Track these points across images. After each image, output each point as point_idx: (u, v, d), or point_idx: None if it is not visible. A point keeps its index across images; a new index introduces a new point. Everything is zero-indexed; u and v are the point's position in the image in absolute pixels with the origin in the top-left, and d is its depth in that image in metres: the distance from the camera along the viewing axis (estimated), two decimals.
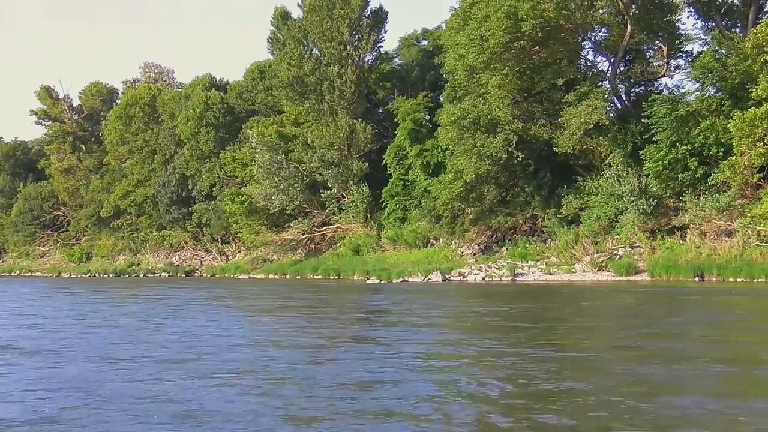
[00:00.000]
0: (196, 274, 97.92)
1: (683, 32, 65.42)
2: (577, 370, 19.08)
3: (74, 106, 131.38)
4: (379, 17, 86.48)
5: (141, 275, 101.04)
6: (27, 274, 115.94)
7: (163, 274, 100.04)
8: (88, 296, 56.93)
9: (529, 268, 62.67)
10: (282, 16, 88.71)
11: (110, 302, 49.45)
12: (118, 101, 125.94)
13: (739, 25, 63.24)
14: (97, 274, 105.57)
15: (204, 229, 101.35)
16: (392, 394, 16.35)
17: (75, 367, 20.82)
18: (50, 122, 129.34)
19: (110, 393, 17.06)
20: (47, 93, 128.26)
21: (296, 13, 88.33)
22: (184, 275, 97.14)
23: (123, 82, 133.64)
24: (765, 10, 63.01)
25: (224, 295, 55.10)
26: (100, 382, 18.39)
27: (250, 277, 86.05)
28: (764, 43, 53.66)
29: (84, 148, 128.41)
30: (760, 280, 49.44)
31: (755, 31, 55.04)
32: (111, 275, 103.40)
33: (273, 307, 43.33)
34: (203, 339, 26.41)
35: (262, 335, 28.60)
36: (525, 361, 20.04)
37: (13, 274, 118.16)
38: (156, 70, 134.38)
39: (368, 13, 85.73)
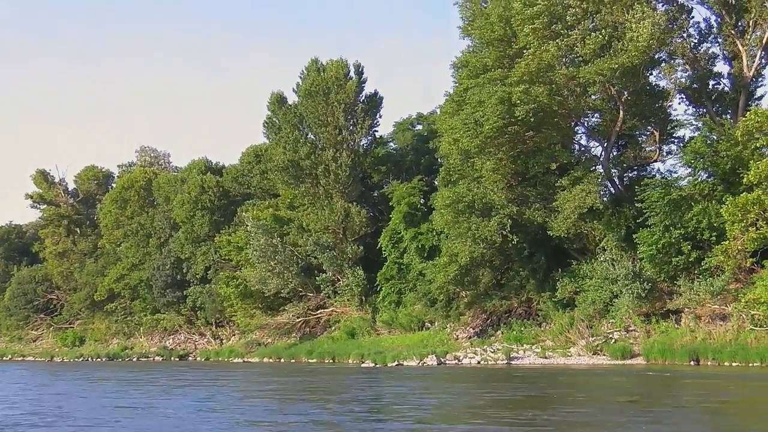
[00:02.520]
0: (189, 358, 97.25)
1: (675, 118, 66.36)
2: None
3: (69, 189, 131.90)
4: (374, 102, 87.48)
5: (134, 359, 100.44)
6: (19, 359, 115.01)
7: (157, 358, 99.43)
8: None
9: (524, 351, 62.50)
10: (278, 101, 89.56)
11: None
12: (114, 185, 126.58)
13: (729, 111, 64.14)
14: (90, 358, 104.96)
15: (198, 312, 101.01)
16: None
17: None
18: (45, 206, 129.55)
19: None
20: (43, 177, 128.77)
21: (292, 98, 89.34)
22: (177, 359, 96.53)
23: (119, 166, 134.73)
24: (755, 96, 63.95)
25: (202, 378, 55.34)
26: None
27: (244, 361, 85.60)
28: (754, 130, 54.39)
29: (79, 231, 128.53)
30: (755, 364, 49.36)
31: (745, 118, 55.83)
32: (104, 359, 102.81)
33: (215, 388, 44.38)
34: None
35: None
36: None
37: (5, 358, 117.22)
38: (152, 154, 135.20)
39: (363, 98, 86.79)
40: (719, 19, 63.06)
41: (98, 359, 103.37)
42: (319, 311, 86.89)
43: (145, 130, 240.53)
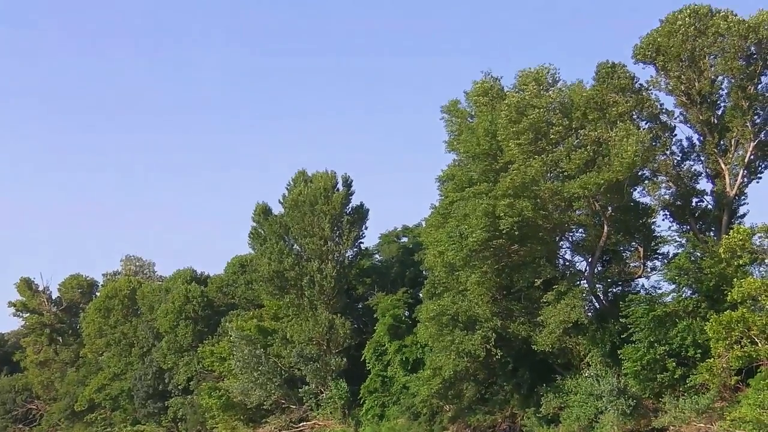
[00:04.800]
0: None
1: (658, 234, 66.58)
2: None
3: (53, 298, 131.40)
4: (360, 214, 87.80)
5: None
6: None
7: None
8: None
9: None
10: (263, 212, 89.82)
11: None
12: (98, 293, 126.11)
13: (713, 228, 64.51)
14: None
15: (179, 423, 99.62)
16: None
17: None
18: (28, 314, 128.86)
19: None
20: (27, 285, 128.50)
21: (277, 209, 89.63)
22: None
23: (103, 275, 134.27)
24: (738, 215, 64.35)
25: None
26: None
27: None
28: (737, 248, 54.68)
29: (61, 340, 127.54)
30: None
31: (728, 236, 56.15)
32: None
33: None
34: None
35: None
36: None
37: None
38: (137, 263, 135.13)
39: (349, 209, 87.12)
40: (702, 138, 63.96)
41: None
42: (301, 424, 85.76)
43: (131, 239, 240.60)
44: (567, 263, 68.11)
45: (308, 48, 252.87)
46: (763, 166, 63.63)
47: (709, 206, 65.19)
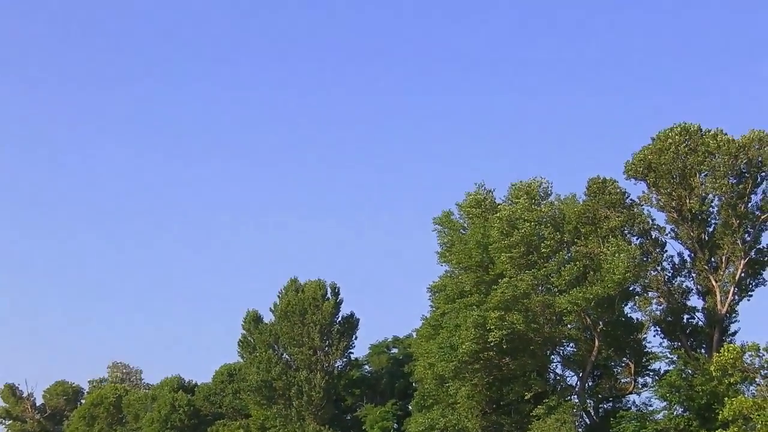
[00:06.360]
0: None
1: (649, 350, 66.27)
2: None
3: (37, 405, 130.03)
4: (351, 324, 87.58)
5: None
6: None
7: None
8: None
9: None
10: (254, 320, 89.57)
11: None
12: (83, 401, 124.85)
13: (704, 345, 64.22)
14: None
15: None
16: None
17: None
18: (11, 421, 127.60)
19: None
20: (11, 391, 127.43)
21: (267, 317, 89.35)
22: None
23: (89, 382, 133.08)
24: (729, 332, 64.17)
25: None
26: None
27: None
28: (728, 366, 54.41)
29: None
30: None
31: (719, 355, 55.91)
32: None
33: None
34: None
35: None
36: None
37: None
38: (124, 370, 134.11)
39: (339, 319, 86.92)
40: (692, 255, 64.11)
41: None
42: None
43: (118, 345, 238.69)
44: (558, 377, 67.78)
45: (298, 151, 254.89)
46: (753, 283, 63.78)
47: (700, 323, 65.04)
